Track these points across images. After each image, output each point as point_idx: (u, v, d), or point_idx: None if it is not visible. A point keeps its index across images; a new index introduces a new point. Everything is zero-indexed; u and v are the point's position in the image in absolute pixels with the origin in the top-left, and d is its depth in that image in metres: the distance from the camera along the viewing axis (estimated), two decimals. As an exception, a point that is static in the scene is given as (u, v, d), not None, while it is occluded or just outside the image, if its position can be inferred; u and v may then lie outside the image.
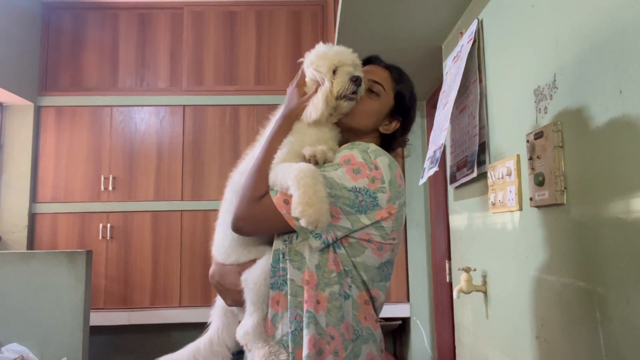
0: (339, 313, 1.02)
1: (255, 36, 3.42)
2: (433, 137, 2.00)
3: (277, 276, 1.05)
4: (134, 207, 3.23)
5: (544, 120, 1.27)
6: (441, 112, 1.96)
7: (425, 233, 3.25)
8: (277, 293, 1.05)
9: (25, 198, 3.18)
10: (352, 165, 1.03)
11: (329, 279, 1.02)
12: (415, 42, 2.27)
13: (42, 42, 3.34)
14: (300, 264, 1.03)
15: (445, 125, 1.78)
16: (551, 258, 1.24)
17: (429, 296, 3.18)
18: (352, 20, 2.04)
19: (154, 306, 3.16)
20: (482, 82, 1.72)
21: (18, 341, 2.41)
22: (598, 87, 1.04)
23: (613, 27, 1.00)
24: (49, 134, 3.27)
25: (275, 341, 1.04)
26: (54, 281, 2.47)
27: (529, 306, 1.37)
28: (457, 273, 2.03)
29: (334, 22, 2.40)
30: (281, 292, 1.04)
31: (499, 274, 1.61)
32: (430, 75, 2.70)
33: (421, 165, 3.29)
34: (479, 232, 1.81)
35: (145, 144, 3.30)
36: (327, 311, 1.01)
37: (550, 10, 1.25)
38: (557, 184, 1.17)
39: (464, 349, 2.02)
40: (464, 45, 1.86)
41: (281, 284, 1.05)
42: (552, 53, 1.23)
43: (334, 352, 1.00)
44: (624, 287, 0.95)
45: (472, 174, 1.74)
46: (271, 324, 1.05)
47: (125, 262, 3.19)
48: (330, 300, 1.01)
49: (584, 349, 1.08)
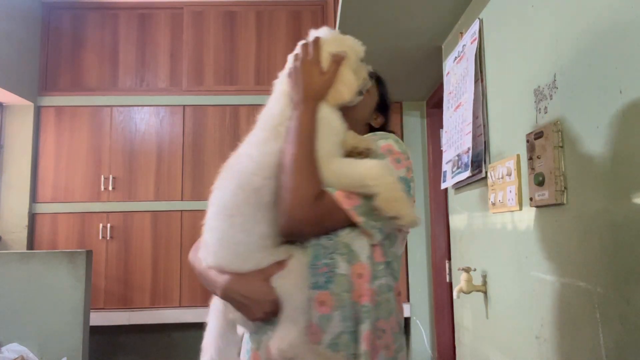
0: (389, 306, 0.99)
1: (255, 36, 3.42)
2: (449, 139, 1.98)
3: (320, 274, 0.96)
4: (134, 207, 3.22)
5: (544, 120, 1.27)
6: (452, 113, 1.96)
7: (425, 233, 3.25)
8: (320, 292, 0.95)
9: (25, 198, 3.18)
10: (394, 155, 1.02)
11: (378, 271, 0.99)
12: (415, 42, 2.27)
13: (42, 42, 3.34)
14: (350, 257, 0.97)
15: (468, 129, 1.76)
16: (551, 258, 1.24)
17: (429, 296, 3.19)
18: (352, 20, 2.04)
19: (154, 306, 3.16)
20: (482, 81, 1.72)
21: (18, 341, 2.40)
22: (598, 87, 1.04)
23: (613, 27, 1.00)
24: (49, 134, 3.27)
25: (325, 346, 0.93)
26: (54, 281, 2.47)
27: (529, 306, 1.37)
28: (457, 273, 2.03)
29: (334, 22, 2.40)
30: (326, 291, 0.95)
31: (499, 274, 1.61)
32: (430, 75, 2.70)
33: (420, 165, 3.30)
34: (479, 232, 1.81)
35: (145, 144, 3.30)
36: (378, 304, 0.97)
37: (550, 10, 1.25)
38: (557, 184, 1.17)
39: (464, 349, 2.02)
40: (466, 45, 1.86)
41: (326, 282, 0.96)
42: (552, 53, 1.23)
43: (385, 347, 0.97)
44: (624, 287, 0.95)
45: (481, 174, 1.74)
46: (318, 327, 0.94)
47: (125, 262, 3.19)
48: (379, 293, 0.98)
49: (584, 349, 1.08)
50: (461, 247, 2.04)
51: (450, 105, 2.00)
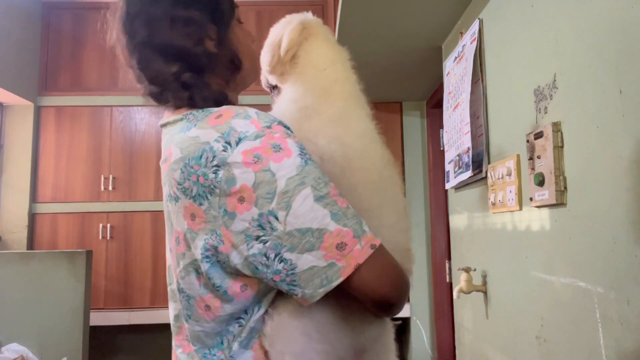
0: None
1: (256, 36, 3.41)
2: (450, 139, 1.98)
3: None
4: (134, 207, 3.22)
5: (544, 120, 1.27)
6: (452, 114, 1.96)
7: (425, 233, 3.25)
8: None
9: (25, 198, 3.18)
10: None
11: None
12: (415, 42, 2.27)
13: (42, 42, 3.34)
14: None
15: (466, 128, 1.76)
16: (551, 258, 1.24)
17: (429, 296, 3.19)
18: (352, 20, 2.04)
19: (154, 306, 3.16)
20: (482, 81, 1.72)
21: (18, 341, 2.41)
22: (598, 87, 1.04)
23: (613, 27, 1.00)
24: (49, 134, 3.27)
25: None
26: (54, 281, 2.47)
27: (529, 306, 1.37)
28: (457, 273, 2.03)
29: (334, 22, 2.39)
30: None
31: (499, 274, 1.61)
32: (430, 75, 2.70)
33: (420, 165, 3.30)
34: (479, 232, 1.81)
35: (145, 144, 3.29)
36: None
37: (550, 10, 1.25)
38: (557, 184, 1.17)
39: (464, 349, 2.02)
40: (466, 45, 1.86)
41: None
42: (552, 53, 1.23)
43: None
44: (624, 287, 0.95)
45: (481, 174, 1.74)
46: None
47: (125, 262, 3.19)
48: None
49: (584, 349, 1.08)
50: (461, 247, 2.04)
51: (450, 105, 2.00)
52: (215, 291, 0.73)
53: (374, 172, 0.83)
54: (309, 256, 0.66)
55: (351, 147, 0.83)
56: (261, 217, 0.67)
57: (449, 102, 2.02)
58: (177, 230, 0.75)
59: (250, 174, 0.67)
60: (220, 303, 0.73)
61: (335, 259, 0.66)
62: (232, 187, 0.67)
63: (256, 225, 0.67)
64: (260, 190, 0.66)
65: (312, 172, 0.69)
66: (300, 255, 0.66)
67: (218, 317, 0.74)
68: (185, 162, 0.71)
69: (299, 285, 0.68)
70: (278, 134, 0.70)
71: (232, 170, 0.67)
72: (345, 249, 0.66)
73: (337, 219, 0.67)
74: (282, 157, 0.68)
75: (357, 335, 0.76)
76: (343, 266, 0.67)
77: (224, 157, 0.68)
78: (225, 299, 0.73)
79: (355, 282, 0.68)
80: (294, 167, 0.68)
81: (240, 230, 0.68)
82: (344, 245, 0.66)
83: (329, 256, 0.66)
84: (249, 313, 0.75)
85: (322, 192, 0.68)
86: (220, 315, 0.74)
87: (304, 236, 0.66)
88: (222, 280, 0.72)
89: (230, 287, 0.72)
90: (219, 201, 0.68)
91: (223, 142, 0.69)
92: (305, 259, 0.66)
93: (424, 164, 3.28)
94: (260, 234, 0.67)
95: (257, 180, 0.67)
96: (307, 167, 0.69)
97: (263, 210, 0.66)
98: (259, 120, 0.71)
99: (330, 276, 0.67)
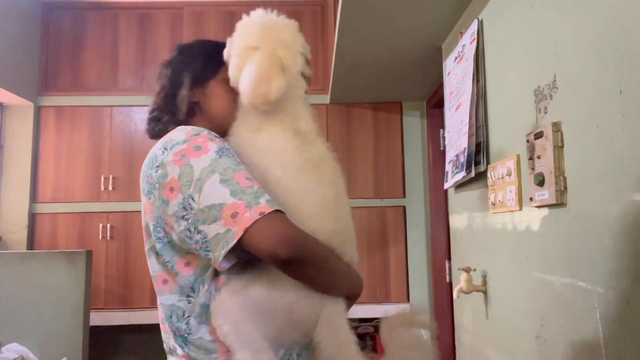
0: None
1: (255, 36, 3.41)
2: (450, 140, 1.99)
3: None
4: (134, 207, 3.22)
5: (544, 120, 1.27)
6: (453, 114, 1.96)
7: (425, 233, 3.25)
8: None
9: (25, 198, 3.18)
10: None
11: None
12: (415, 42, 2.27)
13: (42, 42, 3.34)
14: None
15: (465, 129, 1.76)
16: (551, 258, 1.24)
17: (429, 296, 3.18)
18: (352, 20, 2.04)
19: (154, 306, 3.14)
20: (480, 82, 1.72)
21: (18, 341, 2.40)
22: (598, 87, 1.04)
23: (613, 27, 1.00)
24: (49, 134, 3.27)
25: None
26: (54, 281, 2.47)
27: (529, 306, 1.37)
28: (457, 273, 2.03)
29: (334, 22, 2.39)
30: None
31: (499, 274, 1.61)
32: (430, 75, 2.70)
33: (420, 165, 3.30)
34: (479, 232, 1.81)
35: (145, 144, 3.27)
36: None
37: (550, 10, 1.25)
38: (557, 184, 1.17)
39: (464, 349, 2.02)
40: (466, 45, 1.86)
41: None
42: (552, 53, 1.23)
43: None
44: (624, 287, 0.95)
45: (470, 174, 1.74)
46: None
47: (125, 262, 3.18)
48: None
49: (584, 349, 1.08)
50: (461, 247, 2.04)
51: (452, 106, 2.00)
52: (166, 266, 0.92)
53: (292, 174, 0.95)
54: (214, 225, 0.82)
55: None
56: (184, 200, 0.85)
57: (451, 102, 2.02)
58: (143, 224, 0.96)
59: (176, 169, 0.87)
60: (171, 277, 0.92)
61: (230, 226, 0.82)
62: (165, 180, 0.88)
63: (182, 207, 0.85)
64: (183, 180, 0.86)
65: (223, 163, 0.85)
66: (209, 226, 0.83)
67: (173, 288, 0.92)
68: (143, 170, 0.95)
69: (210, 250, 0.84)
70: (201, 138, 0.89)
71: (166, 168, 0.88)
72: (237, 217, 0.81)
73: (234, 195, 0.83)
74: (201, 154, 0.86)
75: (294, 311, 0.88)
76: (236, 230, 0.81)
77: (161, 159, 0.89)
78: (173, 273, 0.92)
79: (246, 242, 0.82)
80: (208, 160, 0.85)
81: (173, 213, 0.87)
82: (236, 214, 0.82)
83: (227, 224, 0.82)
84: (196, 291, 0.91)
85: (227, 176, 0.84)
86: (174, 287, 0.92)
87: (210, 210, 0.83)
88: (170, 257, 0.92)
89: (178, 262, 0.91)
90: (159, 193, 0.89)
91: (163, 149, 0.91)
92: (212, 228, 0.83)
93: (424, 164, 3.28)
94: (184, 213, 0.85)
95: (181, 173, 0.86)
96: (220, 160, 0.86)
97: (185, 195, 0.85)
98: (190, 131, 0.91)
99: (227, 239, 0.82)
